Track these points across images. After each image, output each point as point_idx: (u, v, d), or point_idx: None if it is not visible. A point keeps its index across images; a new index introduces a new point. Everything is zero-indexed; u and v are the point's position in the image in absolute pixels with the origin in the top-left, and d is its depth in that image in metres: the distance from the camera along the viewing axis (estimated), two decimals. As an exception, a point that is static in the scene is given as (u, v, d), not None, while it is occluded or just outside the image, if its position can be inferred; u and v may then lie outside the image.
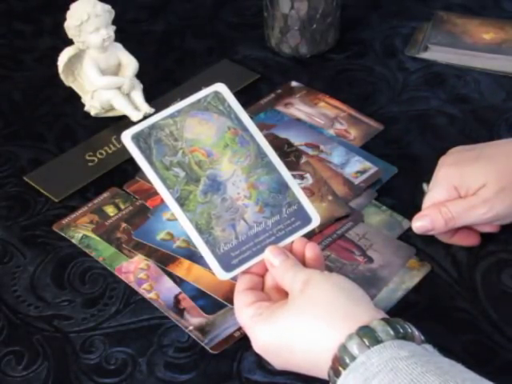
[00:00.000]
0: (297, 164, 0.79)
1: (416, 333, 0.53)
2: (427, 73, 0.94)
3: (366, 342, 0.51)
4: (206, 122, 0.65)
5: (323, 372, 0.54)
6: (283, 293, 0.60)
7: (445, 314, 0.66)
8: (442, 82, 0.92)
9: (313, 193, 0.75)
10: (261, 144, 0.65)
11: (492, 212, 0.67)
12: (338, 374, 0.52)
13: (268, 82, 0.94)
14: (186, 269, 0.70)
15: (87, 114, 0.89)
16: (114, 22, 0.85)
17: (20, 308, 0.69)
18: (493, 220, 0.68)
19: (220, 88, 0.66)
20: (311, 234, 0.69)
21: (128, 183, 0.80)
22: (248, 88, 0.92)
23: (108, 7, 0.84)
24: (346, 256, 0.71)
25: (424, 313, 0.66)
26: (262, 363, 0.62)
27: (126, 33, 0.94)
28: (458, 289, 0.68)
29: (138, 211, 0.76)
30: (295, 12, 0.93)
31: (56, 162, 0.84)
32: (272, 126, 0.85)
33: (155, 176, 0.63)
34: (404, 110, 0.88)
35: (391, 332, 0.52)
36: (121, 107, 0.87)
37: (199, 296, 0.68)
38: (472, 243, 0.71)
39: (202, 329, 0.65)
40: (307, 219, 0.64)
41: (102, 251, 0.73)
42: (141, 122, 0.64)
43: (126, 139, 0.63)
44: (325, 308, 0.55)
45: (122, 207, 0.77)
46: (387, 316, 0.55)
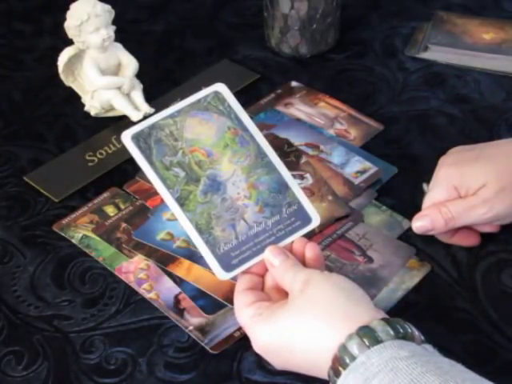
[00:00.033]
0: (297, 164, 0.79)
1: (416, 333, 0.53)
2: (427, 73, 0.94)
3: (366, 342, 0.51)
4: (206, 122, 0.65)
5: (323, 372, 0.54)
6: (283, 293, 0.60)
7: (445, 314, 0.66)
8: (442, 82, 0.92)
9: (313, 193, 0.75)
10: (261, 144, 0.65)
11: (492, 212, 0.67)
12: (338, 374, 0.52)
13: (268, 82, 0.94)
14: (186, 269, 0.70)
15: (87, 114, 0.89)
16: (114, 22, 0.85)
17: (20, 308, 0.69)
18: (493, 220, 0.68)
19: (220, 88, 0.66)
20: (311, 234, 0.69)
21: (128, 183, 0.80)
22: (248, 88, 0.92)
23: (108, 7, 0.84)
24: (346, 256, 0.71)
25: (424, 313, 0.66)
26: (262, 363, 0.62)
27: (126, 33, 0.94)
28: (458, 289, 0.68)
29: (138, 211, 0.76)
30: (295, 12, 0.93)
31: (56, 162, 0.84)
32: (272, 126, 0.85)
33: (155, 176, 0.63)
34: (404, 110, 0.88)
35: (391, 332, 0.52)
36: (121, 107, 0.87)
37: (199, 296, 0.68)
38: (472, 243, 0.71)
39: (202, 329, 0.65)
40: (307, 219, 0.64)
41: (102, 251, 0.73)
42: (141, 122, 0.64)
43: (126, 139, 0.63)
44: (325, 308, 0.55)
45: (122, 207, 0.77)
46: (387, 316, 0.55)
